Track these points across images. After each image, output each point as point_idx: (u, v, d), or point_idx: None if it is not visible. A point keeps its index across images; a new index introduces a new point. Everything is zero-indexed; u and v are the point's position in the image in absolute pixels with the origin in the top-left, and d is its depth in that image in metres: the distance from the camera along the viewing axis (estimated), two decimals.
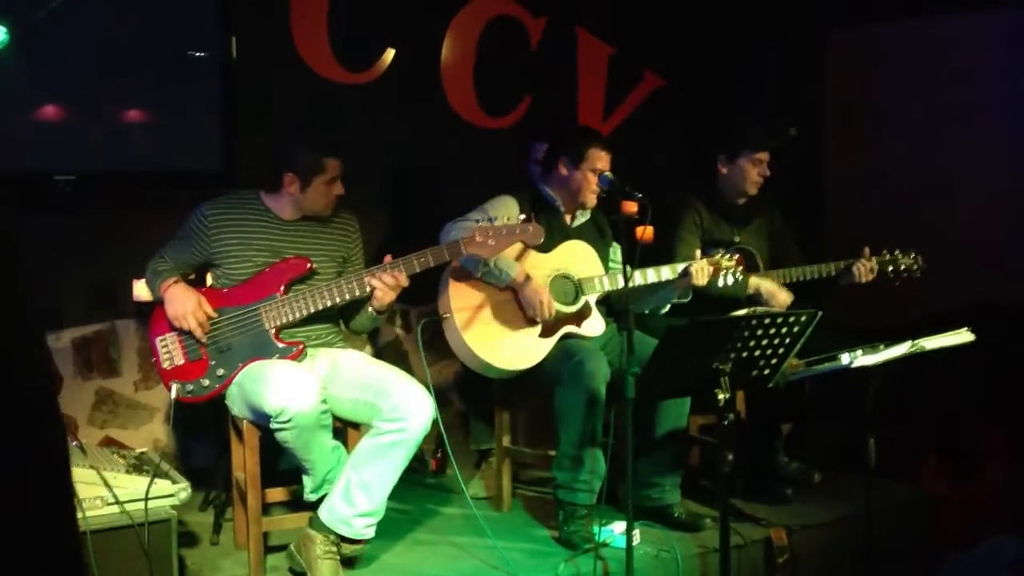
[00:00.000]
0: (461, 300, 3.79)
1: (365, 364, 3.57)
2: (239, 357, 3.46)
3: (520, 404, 4.31)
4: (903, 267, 4.37)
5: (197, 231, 3.53)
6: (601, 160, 3.89)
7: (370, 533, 3.39)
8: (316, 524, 3.35)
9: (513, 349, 3.79)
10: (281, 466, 3.60)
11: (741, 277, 3.99)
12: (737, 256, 3.93)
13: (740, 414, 4.20)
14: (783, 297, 4.26)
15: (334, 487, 3.37)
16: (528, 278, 3.79)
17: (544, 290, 3.79)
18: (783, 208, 4.70)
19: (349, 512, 3.32)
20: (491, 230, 3.41)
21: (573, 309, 3.88)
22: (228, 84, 4.37)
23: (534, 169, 4.39)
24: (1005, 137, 5.17)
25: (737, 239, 4.40)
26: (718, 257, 3.91)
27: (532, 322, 3.82)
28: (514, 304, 3.83)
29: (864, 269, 4.28)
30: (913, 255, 4.38)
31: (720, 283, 3.91)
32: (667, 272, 3.92)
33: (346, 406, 3.44)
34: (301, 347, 3.49)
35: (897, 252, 4.37)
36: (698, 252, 3.94)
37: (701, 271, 3.85)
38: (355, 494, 3.32)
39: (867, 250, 4.33)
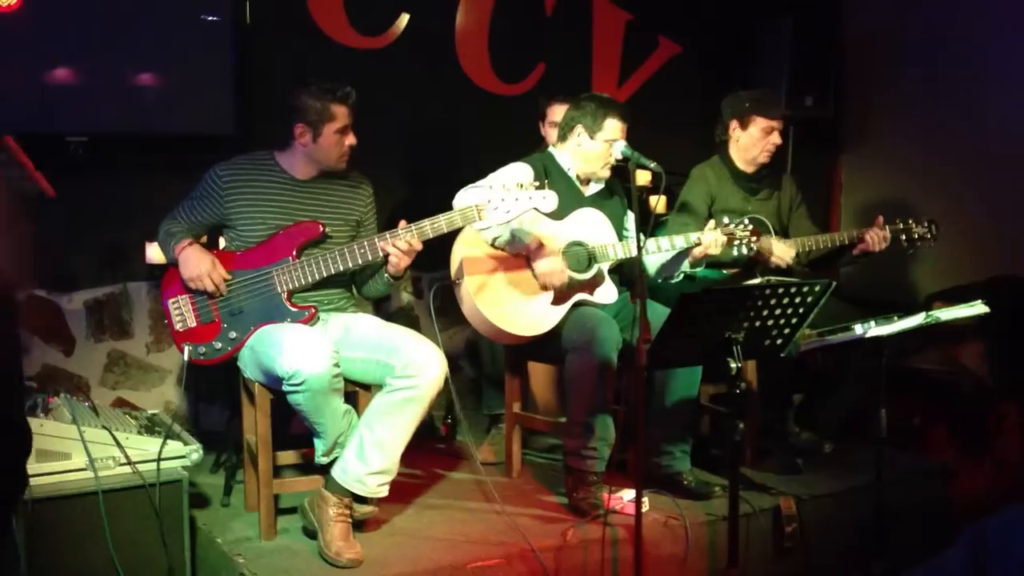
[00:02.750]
0: (474, 265, 3.79)
1: (377, 325, 3.57)
2: (251, 320, 3.47)
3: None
4: (917, 235, 4.33)
5: (210, 192, 3.53)
6: (618, 131, 3.88)
7: (384, 492, 3.40)
8: (331, 485, 3.37)
9: (525, 315, 3.78)
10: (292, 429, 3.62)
11: (756, 248, 3.98)
12: (752, 227, 3.92)
13: (751, 384, 4.21)
14: (782, 249, 4.22)
15: (347, 447, 3.38)
16: (541, 245, 3.78)
17: (557, 257, 3.78)
18: (796, 178, 4.68)
19: (363, 470, 3.33)
20: (505, 197, 3.40)
21: (586, 276, 3.87)
22: (242, 48, 4.35)
23: (549, 132, 4.37)
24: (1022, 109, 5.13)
25: (749, 207, 4.38)
26: (732, 227, 3.90)
27: (545, 289, 3.81)
28: (527, 270, 3.83)
29: (877, 237, 4.26)
30: (927, 223, 4.35)
31: (735, 253, 3.91)
32: (681, 241, 3.91)
33: (358, 366, 3.45)
34: (313, 311, 3.49)
35: (911, 221, 4.34)
36: (712, 222, 3.93)
37: (715, 241, 3.85)
38: (369, 452, 3.33)
39: (880, 219, 4.31)
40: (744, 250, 3.91)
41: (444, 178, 3.92)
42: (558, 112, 4.27)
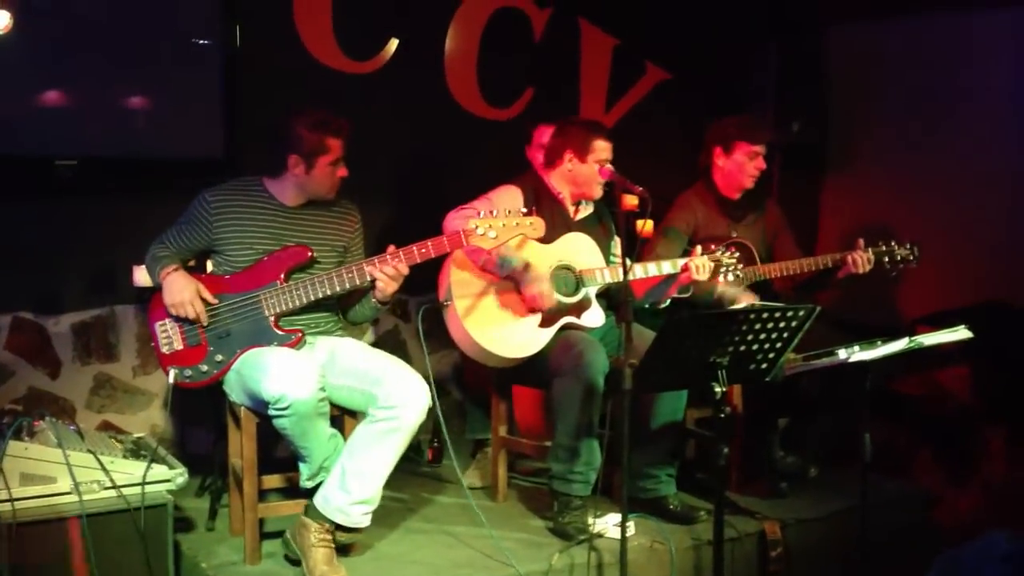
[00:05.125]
0: (462, 287, 3.80)
1: (362, 352, 3.57)
2: (238, 343, 3.47)
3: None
4: (899, 257, 4.34)
5: (199, 217, 3.53)
6: (608, 150, 3.91)
7: (366, 521, 3.40)
8: (311, 512, 3.37)
9: (513, 338, 3.79)
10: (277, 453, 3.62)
11: (742, 274, 4.00)
12: (738, 255, 3.94)
13: (736, 408, 4.22)
14: (747, 299, 4.24)
15: (329, 476, 3.38)
16: (528, 267, 3.79)
17: (544, 280, 3.79)
18: (781, 203, 4.71)
19: (344, 500, 3.33)
20: (492, 221, 3.41)
21: (573, 300, 3.88)
22: (231, 72, 4.37)
23: (536, 154, 4.40)
24: (1005, 134, 5.17)
25: (734, 234, 4.40)
26: (719, 254, 3.92)
27: (532, 311, 3.82)
28: (515, 293, 3.84)
29: (861, 260, 4.27)
30: (909, 246, 4.36)
31: (721, 279, 3.93)
32: (667, 266, 3.93)
33: (343, 393, 3.45)
34: (300, 335, 3.49)
35: (893, 243, 4.36)
36: (699, 248, 3.95)
37: (703, 267, 3.87)
38: (350, 482, 3.32)
39: (861, 241, 4.31)
40: (731, 277, 3.94)
41: (432, 203, 3.93)
42: (545, 134, 4.29)
